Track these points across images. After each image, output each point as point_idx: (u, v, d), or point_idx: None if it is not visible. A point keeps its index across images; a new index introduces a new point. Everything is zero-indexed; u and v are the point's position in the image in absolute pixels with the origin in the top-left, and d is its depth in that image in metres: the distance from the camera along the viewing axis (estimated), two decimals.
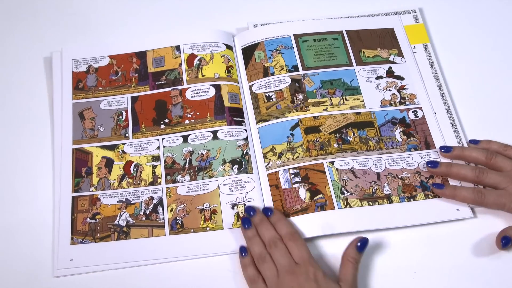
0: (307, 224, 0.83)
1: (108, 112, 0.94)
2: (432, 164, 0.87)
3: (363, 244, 0.79)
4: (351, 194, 0.85)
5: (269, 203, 0.86)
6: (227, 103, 0.93)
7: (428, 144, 0.91)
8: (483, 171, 0.85)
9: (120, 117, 0.93)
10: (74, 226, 0.84)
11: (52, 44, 1.01)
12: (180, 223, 0.84)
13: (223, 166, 0.88)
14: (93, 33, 1.04)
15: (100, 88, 0.96)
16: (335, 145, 0.90)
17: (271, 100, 0.95)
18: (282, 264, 0.78)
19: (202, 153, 0.90)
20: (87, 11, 1.07)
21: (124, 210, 0.85)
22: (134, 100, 0.95)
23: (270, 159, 0.90)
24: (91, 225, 0.84)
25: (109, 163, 0.90)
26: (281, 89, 0.96)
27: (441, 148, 0.89)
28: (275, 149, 0.90)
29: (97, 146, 0.91)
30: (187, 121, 0.92)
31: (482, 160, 0.86)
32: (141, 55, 0.99)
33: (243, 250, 0.81)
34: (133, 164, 0.89)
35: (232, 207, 0.85)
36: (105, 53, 1.00)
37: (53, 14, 1.06)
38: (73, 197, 0.87)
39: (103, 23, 1.05)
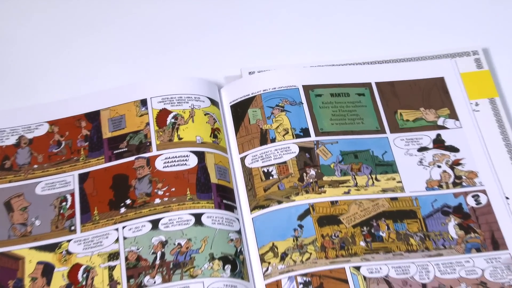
0: None
1: (47, 198, 0.81)
2: None
3: None
4: None
5: None
6: (214, 179, 0.80)
7: (496, 242, 0.78)
8: None
9: (64, 203, 0.81)
10: None
11: None
12: None
13: (211, 263, 0.76)
14: (26, 91, 0.91)
15: (35, 166, 0.84)
16: (362, 243, 0.78)
17: (271, 178, 0.82)
18: None
19: (179, 244, 0.77)
20: (17, 63, 0.93)
21: None
22: (83, 178, 0.82)
23: (269, 263, 0.77)
24: None
25: (47, 270, 0.76)
26: (285, 162, 0.83)
27: None
28: (277, 248, 0.78)
29: (30, 248, 0.78)
30: (157, 200, 0.79)
31: None
32: (93, 117, 0.87)
33: None
34: (81, 269, 0.76)
35: None
36: (43, 118, 0.88)
37: None
38: None
39: (39, 77, 0.92)
